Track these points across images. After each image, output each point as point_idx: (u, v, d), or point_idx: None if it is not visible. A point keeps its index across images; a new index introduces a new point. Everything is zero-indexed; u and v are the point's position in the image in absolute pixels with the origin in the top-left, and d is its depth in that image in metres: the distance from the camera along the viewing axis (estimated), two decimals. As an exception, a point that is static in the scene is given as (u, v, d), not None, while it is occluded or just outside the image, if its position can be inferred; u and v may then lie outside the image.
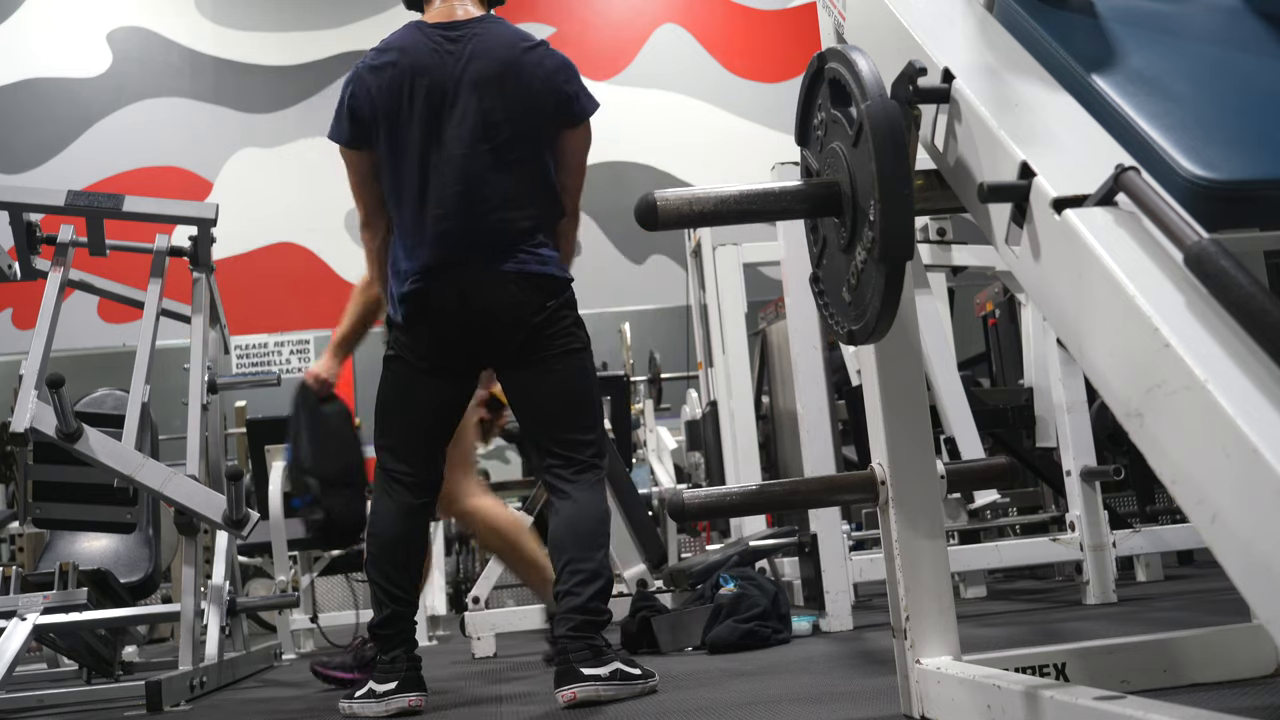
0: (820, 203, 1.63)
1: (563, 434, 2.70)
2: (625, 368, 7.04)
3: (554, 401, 2.71)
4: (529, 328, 2.65)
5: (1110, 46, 1.50)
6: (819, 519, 3.59)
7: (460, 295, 2.64)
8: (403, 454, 2.72)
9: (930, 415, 1.96)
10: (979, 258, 4.42)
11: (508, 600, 6.59)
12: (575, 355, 2.71)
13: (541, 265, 2.66)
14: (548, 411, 2.72)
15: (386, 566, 2.68)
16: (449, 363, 2.71)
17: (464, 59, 2.66)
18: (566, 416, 2.71)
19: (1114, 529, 3.94)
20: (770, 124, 9.72)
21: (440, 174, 2.64)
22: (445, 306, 2.65)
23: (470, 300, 2.64)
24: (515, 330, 2.65)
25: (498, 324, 2.65)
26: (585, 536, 2.62)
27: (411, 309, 2.67)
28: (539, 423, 2.74)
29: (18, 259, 3.62)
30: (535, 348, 2.67)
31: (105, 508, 3.73)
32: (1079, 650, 1.81)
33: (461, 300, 2.64)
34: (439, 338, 2.68)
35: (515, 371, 2.72)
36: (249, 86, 9.77)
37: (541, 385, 2.70)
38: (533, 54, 2.69)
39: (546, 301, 2.66)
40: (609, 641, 2.59)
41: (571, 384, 2.71)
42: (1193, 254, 1.10)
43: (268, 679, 4.04)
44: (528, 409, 2.76)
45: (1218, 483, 0.99)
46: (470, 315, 2.64)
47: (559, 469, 2.69)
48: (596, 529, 2.65)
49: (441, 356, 2.70)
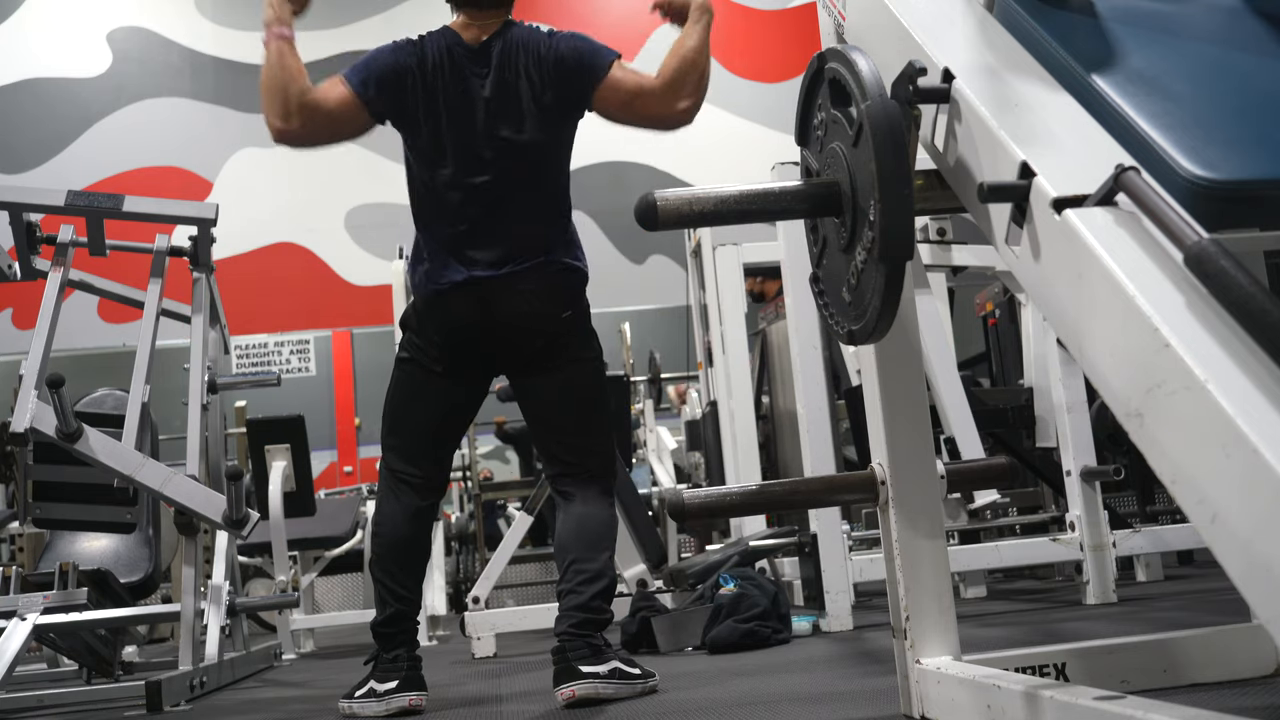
0: (820, 203, 1.63)
1: (571, 440, 2.71)
2: (625, 368, 7.04)
3: (565, 408, 2.71)
4: (547, 335, 2.65)
5: (1110, 46, 1.50)
6: (819, 519, 3.59)
7: (481, 303, 2.63)
8: (411, 455, 2.72)
9: (930, 415, 1.96)
10: (979, 258, 4.42)
11: (508, 600, 6.59)
12: (589, 364, 2.72)
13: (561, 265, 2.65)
14: (559, 418, 2.72)
15: (391, 566, 2.68)
16: (463, 366, 2.71)
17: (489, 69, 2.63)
18: (577, 424, 2.71)
19: (1114, 529, 3.94)
20: (770, 124, 9.72)
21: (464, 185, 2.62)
22: (466, 314, 2.64)
23: (493, 309, 2.63)
24: (534, 338, 2.65)
25: (518, 332, 2.65)
26: (591, 538, 2.62)
27: (430, 311, 2.67)
28: (549, 429, 2.73)
29: (18, 259, 3.62)
30: (551, 354, 2.67)
31: (105, 508, 3.73)
32: (1079, 650, 1.81)
33: (483, 308, 2.63)
34: (455, 342, 2.67)
35: (528, 378, 2.72)
36: (249, 86, 9.69)
37: (553, 391, 2.70)
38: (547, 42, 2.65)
39: (563, 312, 2.65)
40: (609, 641, 2.59)
41: (584, 392, 2.71)
42: (1193, 254, 1.10)
43: (268, 679, 4.04)
44: (539, 414, 2.75)
45: (1218, 483, 0.99)
46: (493, 324, 2.63)
47: (566, 477, 2.69)
48: (603, 532, 2.65)
49: (455, 360, 2.70)
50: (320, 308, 9.47)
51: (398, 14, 9.81)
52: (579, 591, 2.56)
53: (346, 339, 9.72)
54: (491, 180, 2.62)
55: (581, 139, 2.77)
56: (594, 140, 2.77)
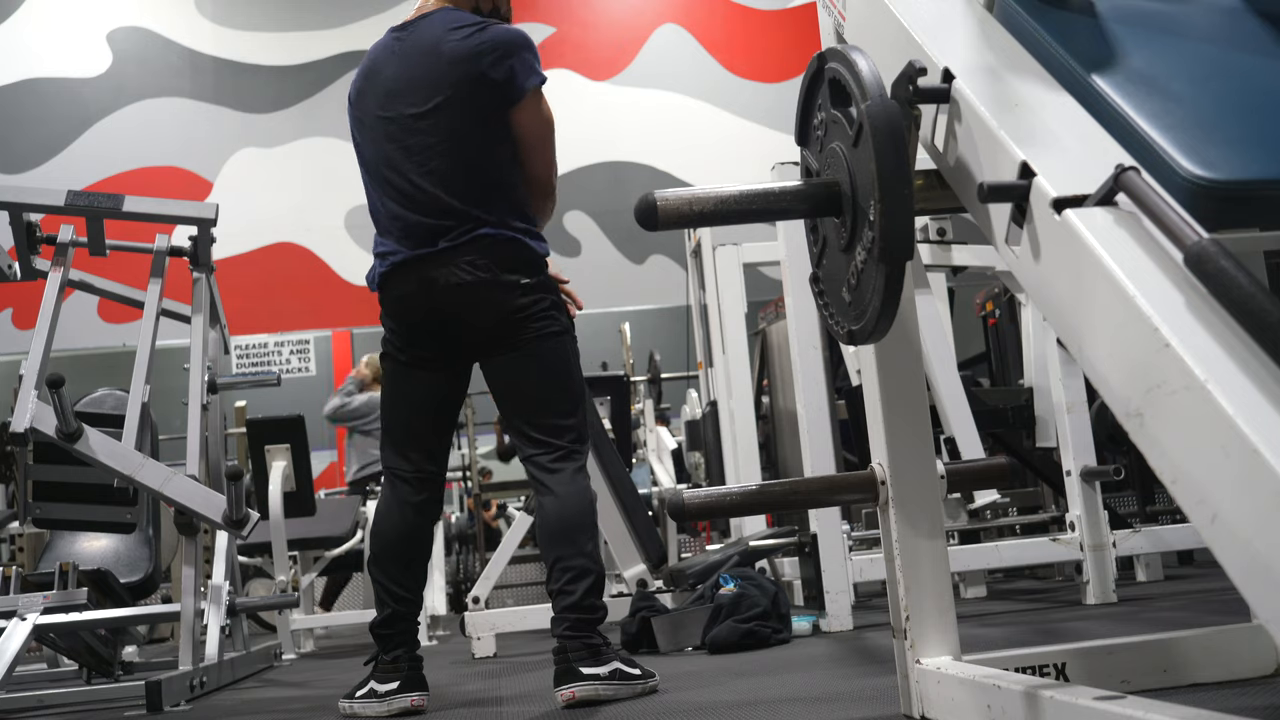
0: (820, 203, 1.63)
1: (540, 419, 2.66)
2: (625, 368, 7.05)
3: (531, 387, 2.67)
4: (494, 308, 2.61)
5: (1110, 46, 1.50)
6: (819, 519, 3.59)
7: (422, 281, 2.63)
8: (401, 449, 2.72)
9: (930, 415, 1.96)
10: (979, 258, 4.42)
11: (508, 600, 6.59)
12: (553, 338, 2.66)
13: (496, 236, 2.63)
14: (525, 397, 2.69)
15: (389, 565, 2.67)
16: (425, 352, 2.70)
17: (398, 56, 2.71)
18: (544, 401, 2.67)
19: (1114, 529, 3.94)
20: (770, 124, 9.72)
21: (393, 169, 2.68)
22: (410, 294, 2.65)
23: (433, 286, 2.62)
24: (479, 311, 2.62)
25: (462, 306, 2.62)
26: (571, 531, 2.59)
27: (383, 297, 2.71)
28: (517, 409, 2.70)
29: (18, 259, 3.62)
30: (511, 330, 2.63)
31: (105, 508, 3.73)
32: (1079, 650, 1.81)
33: (424, 285, 2.63)
34: (408, 325, 2.68)
35: (490, 358, 2.69)
36: (249, 86, 9.78)
37: (518, 370, 2.67)
38: (456, 36, 2.66)
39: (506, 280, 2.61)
40: (608, 640, 2.58)
41: (549, 368, 2.66)
42: (1193, 254, 1.10)
43: (268, 679, 4.04)
44: (505, 395, 2.72)
45: (1218, 483, 0.99)
46: (435, 302, 2.63)
47: (538, 457, 2.65)
48: (581, 521, 2.61)
49: (416, 346, 2.70)
50: (320, 308, 9.47)
51: (398, 14, 9.79)
52: (569, 591, 2.54)
53: (346, 339, 9.73)
54: (407, 160, 2.67)
55: (582, 139, 2.77)
56: (594, 140, 2.77)
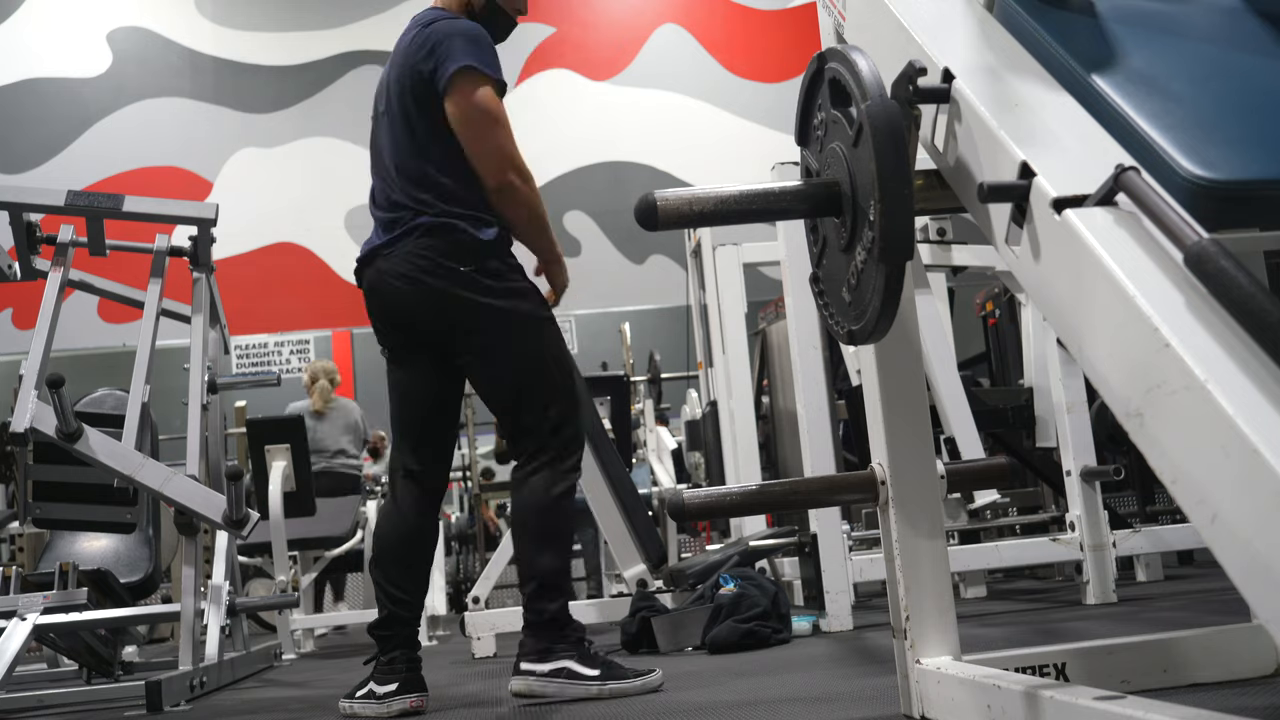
0: (820, 203, 1.63)
1: (505, 423, 2.73)
2: (625, 368, 7.05)
3: (500, 385, 2.68)
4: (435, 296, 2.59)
5: (1110, 46, 1.50)
6: (819, 519, 3.59)
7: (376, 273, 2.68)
8: (402, 448, 2.73)
9: (930, 415, 1.96)
10: (979, 258, 4.42)
11: (508, 600, 6.59)
12: (512, 329, 2.62)
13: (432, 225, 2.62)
14: (498, 397, 2.71)
15: (388, 567, 2.68)
16: (399, 346, 2.73)
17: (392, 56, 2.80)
18: (516, 399, 2.67)
19: (1114, 529, 3.94)
20: (770, 124, 9.72)
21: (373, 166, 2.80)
22: (369, 286, 2.71)
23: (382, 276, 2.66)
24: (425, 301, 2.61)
25: (403, 295, 2.63)
26: (531, 533, 2.64)
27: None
28: (494, 409, 2.75)
29: (18, 259, 3.62)
30: (467, 323, 2.61)
31: (105, 508, 3.73)
32: (1079, 650, 1.81)
33: (377, 277, 2.68)
34: (375, 317, 2.73)
35: (459, 358, 2.68)
36: (249, 86, 9.78)
37: (472, 371, 2.69)
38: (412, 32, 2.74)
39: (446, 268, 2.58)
40: (568, 641, 2.61)
41: (502, 366, 2.65)
42: (1193, 254, 1.10)
43: (268, 679, 4.04)
44: (482, 396, 2.74)
45: (1218, 483, 0.99)
46: (383, 291, 2.67)
47: (516, 458, 2.71)
48: (537, 522, 2.63)
49: (391, 341, 2.74)
50: (320, 308, 9.47)
51: (398, 14, 9.80)
52: (525, 594, 2.66)
53: (346, 339, 9.73)
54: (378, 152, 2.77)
55: (582, 139, 2.77)
56: (594, 140, 2.77)
